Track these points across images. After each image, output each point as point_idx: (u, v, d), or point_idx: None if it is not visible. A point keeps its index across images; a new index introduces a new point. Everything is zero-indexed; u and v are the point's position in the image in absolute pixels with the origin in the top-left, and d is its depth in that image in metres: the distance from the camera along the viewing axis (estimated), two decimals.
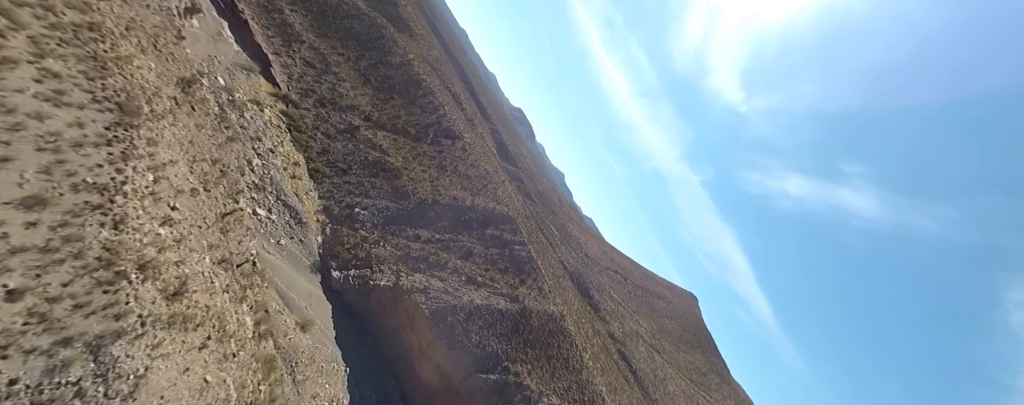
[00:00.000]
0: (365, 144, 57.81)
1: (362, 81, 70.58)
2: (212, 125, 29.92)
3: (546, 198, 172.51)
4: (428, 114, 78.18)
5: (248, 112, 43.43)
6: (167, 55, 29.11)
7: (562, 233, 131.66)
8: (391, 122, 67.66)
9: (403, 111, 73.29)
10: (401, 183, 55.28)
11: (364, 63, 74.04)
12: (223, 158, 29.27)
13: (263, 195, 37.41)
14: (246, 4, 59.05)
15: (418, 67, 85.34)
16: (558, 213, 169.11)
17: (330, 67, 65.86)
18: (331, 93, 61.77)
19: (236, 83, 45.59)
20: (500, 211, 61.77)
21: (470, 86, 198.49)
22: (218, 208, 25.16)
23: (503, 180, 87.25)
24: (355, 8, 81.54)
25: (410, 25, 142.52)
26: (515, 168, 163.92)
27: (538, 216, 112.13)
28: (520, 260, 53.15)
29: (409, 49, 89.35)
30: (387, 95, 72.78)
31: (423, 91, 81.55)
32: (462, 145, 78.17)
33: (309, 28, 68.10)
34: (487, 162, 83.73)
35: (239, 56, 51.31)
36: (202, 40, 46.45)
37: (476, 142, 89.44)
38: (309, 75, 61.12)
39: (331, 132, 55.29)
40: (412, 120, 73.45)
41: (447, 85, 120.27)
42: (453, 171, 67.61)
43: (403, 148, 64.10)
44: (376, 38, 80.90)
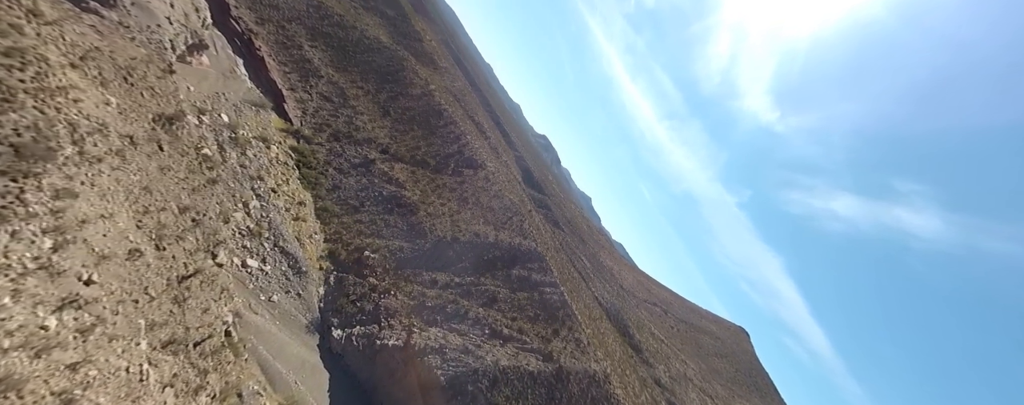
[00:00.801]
0: (380, 178, 53.39)
1: (381, 113, 67.55)
2: (189, 167, 25.55)
3: (575, 225, 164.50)
4: (449, 144, 74.05)
5: (251, 149, 39.75)
6: (143, 89, 25.30)
7: (594, 264, 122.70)
8: (410, 154, 63.56)
9: (423, 142, 69.38)
10: (417, 219, 49.98)
11: (384, 95, 71.44)
12: (199, 205, 24.66)
13: (257, 242, 32.68)
14: (264, 41, 57.67)
15: (439, 97, 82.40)
16: (589, 241, 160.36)
17: (348, 100, 63.19)
18: (347, 126, 58.53)
19: (242, 120, 42.41)
20: (527, 247, 55.07)
21: (494, 115, 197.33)
22: (176, 270, 20.04)
23: (529, 210, 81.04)
24: (376, 42, 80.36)
25: (434, 59, 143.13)
26: (541, 195, 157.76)
27: (568, 247, 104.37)
28: (552, 305, 45.82)
29: (431, 80, 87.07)
30: (406, 127, 69.31)
31: (444, 121, 77.97)
32: (485, 174, 73.03)
33: (328, 63, 66.36)
34: (512, 191, 78.05)
35: (251, 93, 48.77)
36: (211, 77, 44.02)
37: (500, 170, 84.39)
38: (325, 109, 58.30)
39: (344, 167, 51.27)
40: (432, 151, 69.29)
41: (470, 114, 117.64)
42: (475, 203, 62.03)
43: (421, 180, 59.40)
44: (397, 70, 78.84)
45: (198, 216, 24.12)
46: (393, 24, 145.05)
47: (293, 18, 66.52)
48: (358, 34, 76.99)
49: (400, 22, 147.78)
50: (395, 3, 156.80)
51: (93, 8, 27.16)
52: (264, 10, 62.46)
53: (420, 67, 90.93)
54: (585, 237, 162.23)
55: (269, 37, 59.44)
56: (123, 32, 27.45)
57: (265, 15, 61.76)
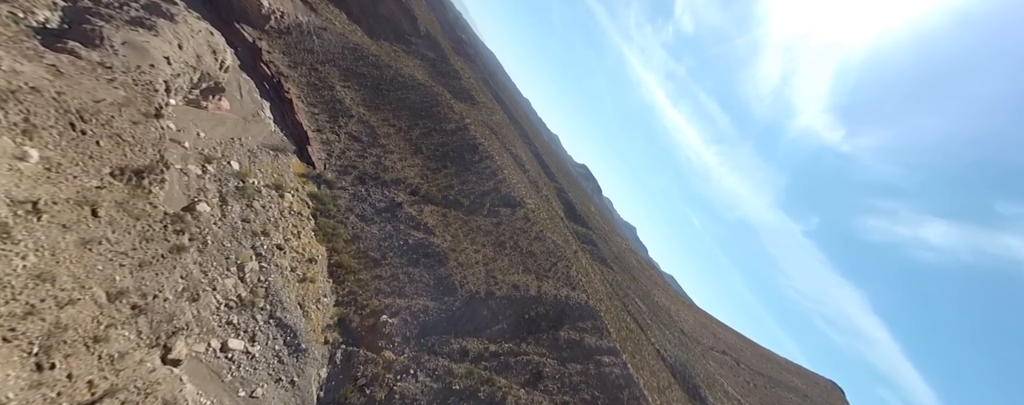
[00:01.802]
0: (407, 223, 47.20)
1: (412, 151, 62.91)
2: (144, 234, 19.94)
3: (624, 260, 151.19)
4: (485, 180, 67.74)
5: (260, 200, 34.85)
6: (103, 138, 20.46)
7: (650, 305, 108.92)
8: (441, 194, 57.56)
9: (456, 179, 63.49)
10: (447, 271, 42.64)
11: (417, 132, 67.25)
12: (147, 284, 18.78)
13: (247, 316, 26.53)
14: (294, 84, 55.46)
15: (475, 131, 77.48)
16: (640, 278, 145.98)
17: (378, 139, 59.11)
18: (375, 167, 53.82)
19: (256, 166, 38.11)
20: (576, 300, 45.73)
21: (533, 147, 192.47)
22: (76, 398, 13.52)
23: (575, 250, 71.76)
24: (411, 80, 77.81)
25: (472, 95, 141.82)
26: (586, 229, 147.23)
27: (620, 289, 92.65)
28: (613, 382, 35.70)
29: (466, 114, 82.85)
30: (439, 164, 64.03)
31: (480, 156, 72.30)
32: (524, 213, 65.40)
33: (360, 102, 63.45)
34: (555, 230, 69.52)
35: (273, 136, 45.25)
36: (229, 121, 40.70)
37: (540, 207, 76.57)
38: (352, 150, 54.16)
39: (367, 213, 45.68)
40: (466, 189, 63.10)
41: (508, 147, 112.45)
42: (513, 248, 54.09)
43: (453, 224, 52.66)
44: (431, 106, 75.17)
45: (144, 301, 18.07)
46: (433, 65, 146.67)
47: (327, 60, 65.01)
48: (392, 72, 74.75)
49: (439, 62, 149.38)
50: (436, 45, 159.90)
51: (70, 48, 23.42)
52: (298, 54, 61.23)
53: (456, 102, 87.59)
54: (636, 273, 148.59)
55: (301, 79, 57.38)
56: (99, 73, 23.37)
57: (299, 58, 60.36)
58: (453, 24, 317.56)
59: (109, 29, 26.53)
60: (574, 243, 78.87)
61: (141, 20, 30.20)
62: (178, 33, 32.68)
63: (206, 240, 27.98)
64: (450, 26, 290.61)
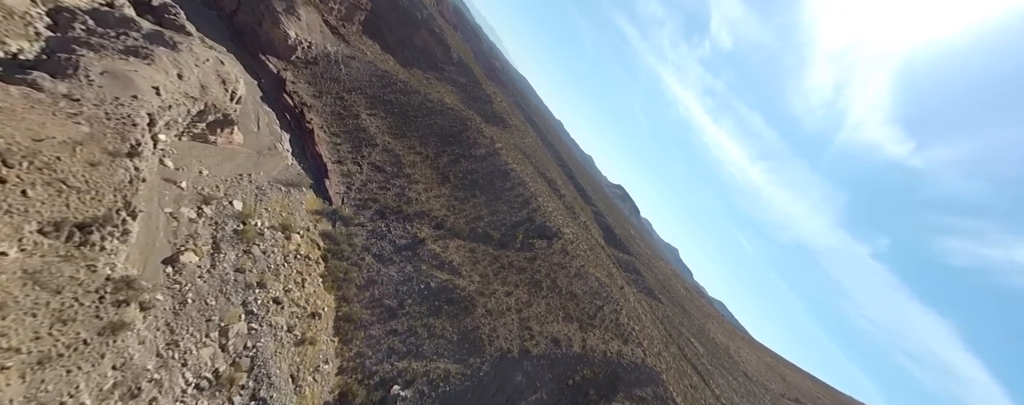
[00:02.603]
0: (430, 263, 41.46)
1: (439, 180, 58.17)
2: (60, 314, 15.00)
3: (671, 290, 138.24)
4: (517, 210, 61.60)
5: (262, 244, 30.33)
6: (43, 183, 16.15)
7: (707, 345, 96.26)
8: (469, 227, 51.83)
9: (486, 210, 57.76)
10: (474, 322, 36.06)
11: (444, 159, 62.79)
12: (48, 391, 13.64)
13: (221, 399, 21.11)
14: (317, 113, 52.77)
15: (506, 156, 72.28)
16: (690, 309, 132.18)
17: (403, 168, 54.88)
18: (398, 199, 49.16)
19: (263, 205, 34.03)
20: (631, 359, 37.50)
21: (567, 169, 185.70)
22: None
23: (621, 287, 63.18)
24: (440, 105, 74.48)
25: (504, 118, 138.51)
26: (627, 255, 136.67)
27: (674, 329, 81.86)
28: None
29: (498, 138, 78.14)
30: (467, 193, 58.75)
31: (511, 182, 66.58)
32: (562, 245, 58.23)
33: (386, 130, 60.07)
34: (597, 264, 61.59)
35: (289, 170, 41.66)
36: (239, 156, 37.34)
37: (579, 236, 69.10)
38: (375, 181, 49.96)
39: (385, 252, 40.44)
40: (497, 220, 57.12)
41: (541, 171, 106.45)
42: (551, 288, 46.86)
43: (482, 261, 46.40)
44: (460, 131, 71.02)
45: None
46: (464, 90, 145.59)
47: (354, 88, 62.70)
48: (421, 98, 71.71)
49: (471, 87, 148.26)
50: (468, 72, 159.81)
51: (30, 80, 19.96)
52: (324, 83, 59.21)
53: (486, 126, 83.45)
54: (685, 304, 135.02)
55: (325, 109, 54.79)
56: (60, 106, 19.64)
57: (324, 88, 58.23)
58: (486, 53, 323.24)
59: (89, 58, 23.35)
60: (619, 276, 70.20)
61: (136, 49, 27.29)
62: (179, 62, 29.65)
63: (186, 299, 23.25)
64: (483, 54, 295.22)
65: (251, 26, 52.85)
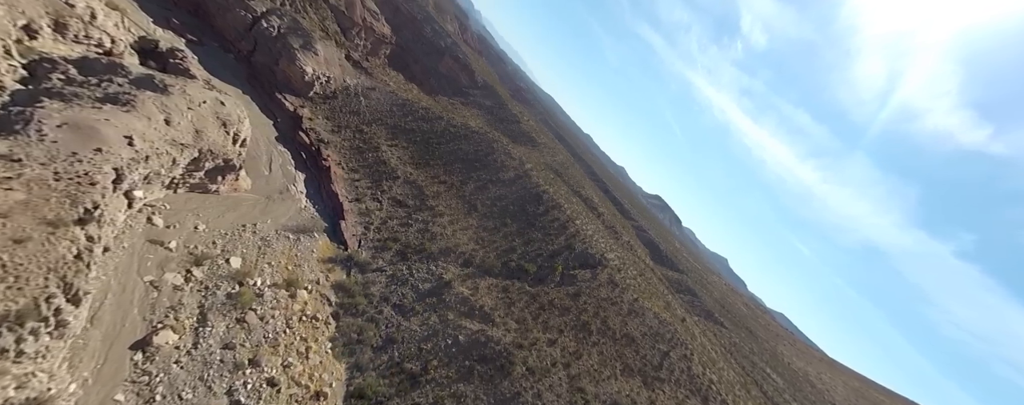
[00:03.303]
0: (458, 310, 35.61)
1: (465, 210, 53.01)
2: None
3: (731, 310, 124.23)
4: (553, 236, 55.06)
5: (261, 307, 25.80)
6: None
7: (785, 375, 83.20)
8: (501, 261, 45.85)
9: (519, 240, 51.68)
10: (512, 386, 29.46)
11: (470, 187, 57.83)
12: None
13: None
14: (335, 149, 49.65)
15: (537, 176, 66.47)
16: (757, 331, 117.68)
17: (426, 200, 50.27)
18: (420, 236, 44.21)
19: (267, 259, 29.87)
20: None
21: (602, 183, 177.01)
22: None
23: (682, 319, 54.28)
24: (464, 129, 70.43)
25: (532, 137, 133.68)
26: (677, 273, 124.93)
27: (746, 359, 70.74)
28: None
29: (527, 158, 72.75)
30: (497, 223, 53.07)
31: (545, 206, 60.38)
32: (608, 275, 50.78)
33: (408, 160, 56.20)
34: (652, 294, 53.36)
35: (301, 214, 37.86)
36: (245, 204, 33.82)
37: (626, 262, 61.15)
38: (395, 218, 45.46)
39: (407, 301, 35.06)
40: (531, 250, 50.80)
41: (576, 189, 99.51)
42: (603, 332, 39.47)
43: (518, 302, 39.98)
44: (486, 155, 66.25)
45: None
46: (490, 112, 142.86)
47: (374, 120, 59.82)
48: (443, 124, 68.01)
49: (497, 109, 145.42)
50: (493, 94, 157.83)
51: None
52: (343, 116, 56.64)
53: (514, 147, 78.50)
54: (750, 325, 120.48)
55: (343, 143, 51.73)
56: None
57: (343, 121, 55.56)
58: (511, 75, 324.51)
59: (49, 110, 20.13)
60: (677, 305, 61.07)
61: (116, 96, 24.27)
62: (168, 106, 26.49)
63: (153, 396, 18.58)
64: (508, 77, 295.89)
65: (268, 66, 51.43)
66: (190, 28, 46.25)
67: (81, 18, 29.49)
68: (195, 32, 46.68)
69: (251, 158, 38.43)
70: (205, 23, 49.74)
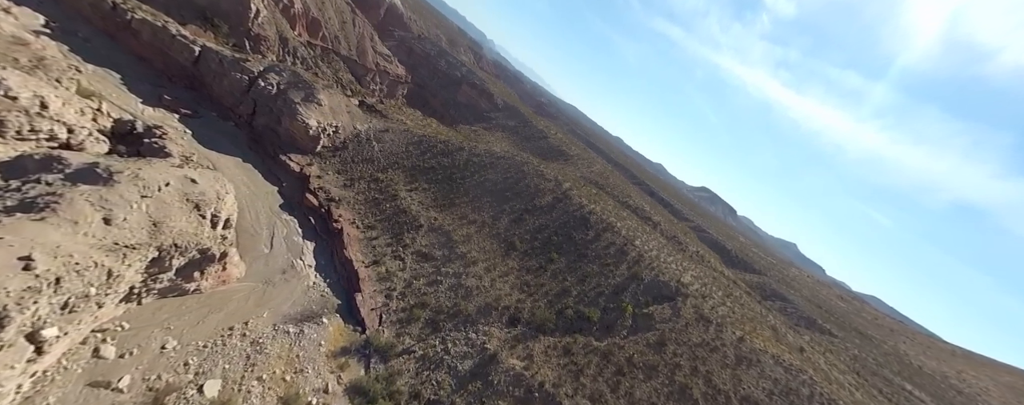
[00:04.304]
0: (511, 398, 26.63)
1: (502, 250, 44.61)
2: None
3: (835, 312, 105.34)
4: (613, 266, 45.07)
5: None
6: None
7: (924, 383, 65.67)
8: (555, 310, 36.59)
9: (570, 277, 42.23)
10: None
11: (504, 221, 49.59)
12: None
13: None
14: (347, 206, 43.58)
15: (579, 195, 57.17)
16: (868, 331, 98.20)
17: (455, 248, 42.51)
18: (453, 295, 36.17)
19: (256, 372, 22.93)
20: None
21: (645, 186, 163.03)
22: None
23: (799, 349, 41.60)
24: (488, 157, 63.05)
25: (563, 150, 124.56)
26: (757, 275, 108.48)
27: (873, 375, 55.23)
28: None
29: (563, 175, 63.77)
30: (542, 260, 44.09)
31: (594, 230, 50.72)
32: (693, 306, 39.84)
33: (431, 204, 49.20)
34: (754, 325, 41.46)
35: (308, 295, 31.21)
36: (234, 298, 27.49)
37: (708, 282, 49.53)
38: (422, 276, 37.87)
39: (445, 392, 26.61)
40: (589, 289, 41.09)
41: (622, 200, 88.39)
42: (712, 399, 28.73)
43: (587, 368, 30.26)
44: (517, 180, 58.14)
45: None
46: (515, 132, 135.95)
47: (390, 164, 53.88)
48: (465, 155, 61.02)
49: (522, 128, 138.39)
50: (516, 113, 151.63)
51: None
52: (356, 167, 51.07)
53: (546, 165, 70.01)
54: (857, 324, 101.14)
55: (357, 198, 45.70)
56: None
57: (356, 173, 49.90)
58: (531, 92, 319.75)
59: None
60: (783, 327, 48.02)
61: (32, 202, 18.71)
62: (108, 201, 20.74)
63: None
64: (528, 95, 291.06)
65: (270, 127, 47.29)
66: (185, 102, 42.98)
67: (25, 111, 25.24)
68: (190, 105, 43.32)
69: (248, 236, 32.66)
70: (203, 94, 46.71)
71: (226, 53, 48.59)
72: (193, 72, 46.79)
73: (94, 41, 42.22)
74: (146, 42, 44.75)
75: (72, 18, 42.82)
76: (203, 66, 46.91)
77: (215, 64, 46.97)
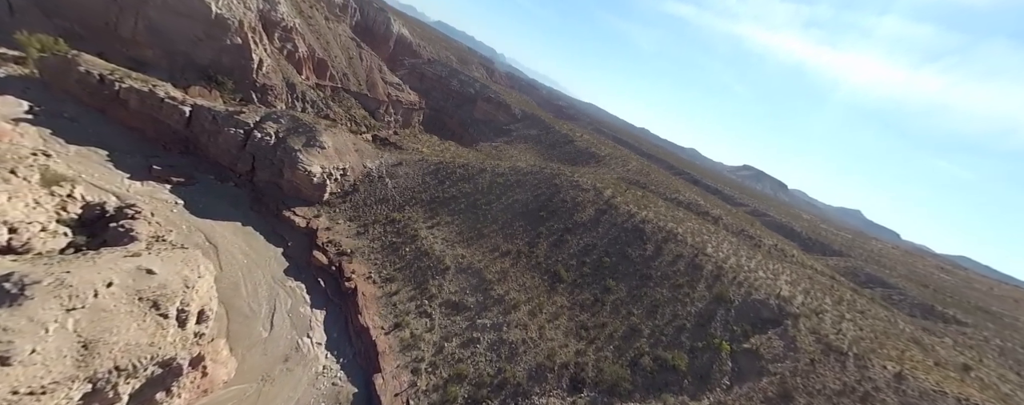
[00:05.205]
0: None
1: (547, 285, 36.43)
2: None
3: (947, 291, 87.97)
4: (687, 287, 35.58)
5: None
6: None
7: None
8: (627, 361, 27.83)
9: (638, 310, 33.24)
10: None
11: (543, 246, 41.48)
12: None
13: None
14: (362, 259, 37.31)
15: (624, 202, 48.20)
16: (992, 307, 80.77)
17: (490, 290, 34.89)
18: (496, 357, 28.39)
19: None
20: None
21: (688, 175, 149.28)
22: None
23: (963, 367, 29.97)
24: (512, 174, 55.51)
25: (593, 152, 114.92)
26: (844, 259, 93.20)
27: None
28: None
29: (601, 183, 54.89)
30: (597, 291, 35.44)
31: (653, 242, 41.46)
32: (809, 330, 29.76)
33: (456, 240, 42.12)
34: (909, 356, 30.45)
35: (317, 385, 24.81)
36: None
37: (811, 290, 38.71)
38: (454, 335, 30.46)
39: None
40: (665, 326, 31.90)
41: (673, 198, 77.59)
42: None
43: None
44: (550, 196, 50.08)
45: None
46: (538, 140, 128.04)
47: (405, 201, 47.63)
48: (488, 177, 53.87)
49: (545, 135, 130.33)
50: (536, 121, 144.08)
51: None
52: (369, 210, 45.19)
53: (580, 172, 61.53)
54: (975, 300, 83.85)
55: (373, 246, 39.47)
56: None
57: (369, 217, 43.93)
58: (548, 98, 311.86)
59: None
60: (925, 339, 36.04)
61: None
62: (8, 330, 14.98)
63: None
64: (546, 101, 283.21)
65: (272, 181, 42.61)
66: (179, 169, 39.03)
67: None
68: (185, 171, 39.30)
69: (242, 319, 26.77)
70: (199, 156, 42.93)
71: (219, 109, 44.80)
72: (186, 135, 43.14)
73: (82, 119, 39.41)
74: (135, 111, 41.62)
75: (60, 100, 40.42)
76: (196, 126, 43.20)
77: (208, 122, 43.13)
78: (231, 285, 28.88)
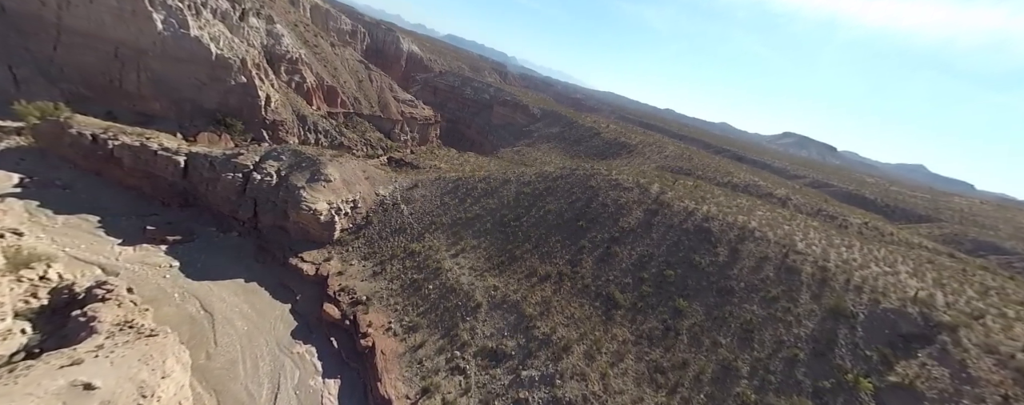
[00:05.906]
0: None
1: (602, 313, 29.34)
2: None
3: None
4: (785, 300, 27.31)
5: None
6: None
7: None
8: None
9: (723, 338, 25.37)
10: None
11: (589, 264, 34.34)
12: None
13: None
14: (380, 305, 31.85)
15: (676, 196, 40.17)
16: None
17: (532, 328, 28.29)
18: None
19: None
20: None
21: (731, 152, 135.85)
22: None
23: None
24: (540, 182, 48.70)
25: (624, 142, 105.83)
26: (932, 226, 79.89)
27: None
28: None
29: (645, 178, 46.87)
30: (666, 314, 27.91)
31: (726, 244, 33.28)
32: (980, 345, 20.79)
33: (485, 267, 35.82)
34: None
35: None
36: None
37: (957, 291, 29.26)
38: (497, 393, 24.04)
39: None
40: (768, 358, 23.95)
41: (728, 182, 67.84)
42: None
43: None
44: (587, 201, 42.84)
45: None
46: (561, 137, 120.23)
47: (425, 229, 41.98)
48: (513, 189, 47.41)
49: (568, 131, 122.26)
50: (557, 118, 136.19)
51: None
52: (385, 244, 39.91)
53: (614, 167, 53.71)
54: None
55: (392, 287, 33.98)
56: None
57: (386, 252, 38.59)
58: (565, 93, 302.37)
59: None
60: None
61: None
62: None
63: None
64: (563, 96, 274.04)
65: (277, 225, 38.44)
66: (176, 227, 35.56)
67: None
68: (183, 227, 35.75)
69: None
70: (201, 208, 39.48)
71: (216, 154, 41.29)
72: (184, 186, 39.82)
73: (76, 185, 36.85)
74: (130, 168, 38.76)
75: (55, 167, 38.25)
76: (194, 176, 39.82)
77: (205, 170, 39.63)
78: (227, 364, 24.06)
